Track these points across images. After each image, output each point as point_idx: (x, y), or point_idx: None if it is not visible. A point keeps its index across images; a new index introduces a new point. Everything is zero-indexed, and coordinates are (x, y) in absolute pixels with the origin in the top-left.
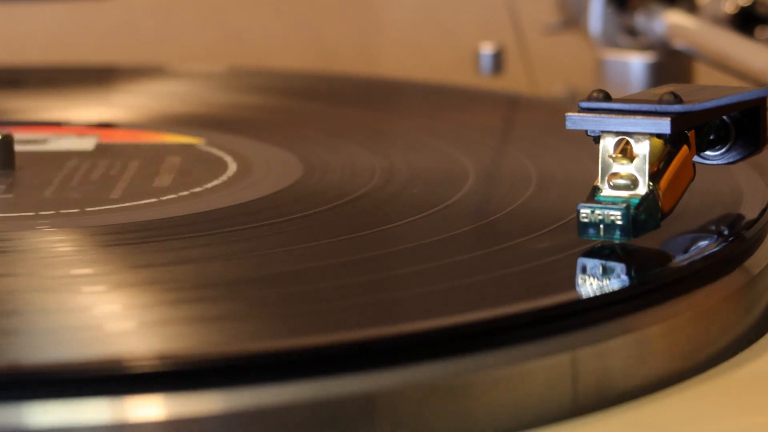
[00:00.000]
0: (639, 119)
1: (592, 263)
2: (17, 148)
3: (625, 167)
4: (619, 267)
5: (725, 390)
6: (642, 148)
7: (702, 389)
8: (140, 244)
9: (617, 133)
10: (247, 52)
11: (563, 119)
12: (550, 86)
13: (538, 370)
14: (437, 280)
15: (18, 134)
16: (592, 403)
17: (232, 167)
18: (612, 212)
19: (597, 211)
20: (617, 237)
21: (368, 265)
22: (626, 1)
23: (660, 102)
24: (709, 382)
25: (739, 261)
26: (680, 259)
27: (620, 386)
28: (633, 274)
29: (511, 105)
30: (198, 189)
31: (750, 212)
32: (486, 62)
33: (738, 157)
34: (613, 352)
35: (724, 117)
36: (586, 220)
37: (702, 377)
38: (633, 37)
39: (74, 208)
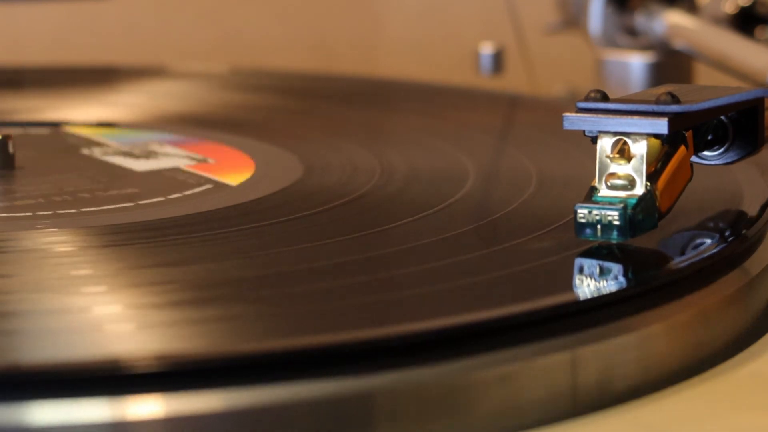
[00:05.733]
0: (636, 119)
1: (589, 263)
2: (114, 160)
3: (622, 167)
4: (617, 267)
5: (725, 390)
6: (639, 149)
7: (702, 389)
8: (140, 244)
9: (615, 134)
10: (247, 52)
11: (562, 119)
12: (550, 86)
13: (538, 370)
14: (437, 280)
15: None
16: (592, 404)
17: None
18: (609, 212)
19: (594, 212)
20: (614, 237)
21: (368, 265)
22: (626, 1)
23: (657, 102)
24: (709, 382)
25: (738, 261)
26: (680, 260)
27: (620, 386)
28: (630, 274)
29: (511, 105)
30: (198, 189)
31: (750, 212)
32: (486, 62)
33: (736, 157)
34: (612, 352)
35: (722, 117)
36: (583, 220)
37: (702, 377)
38: (633, 37)
39: (73, 209)
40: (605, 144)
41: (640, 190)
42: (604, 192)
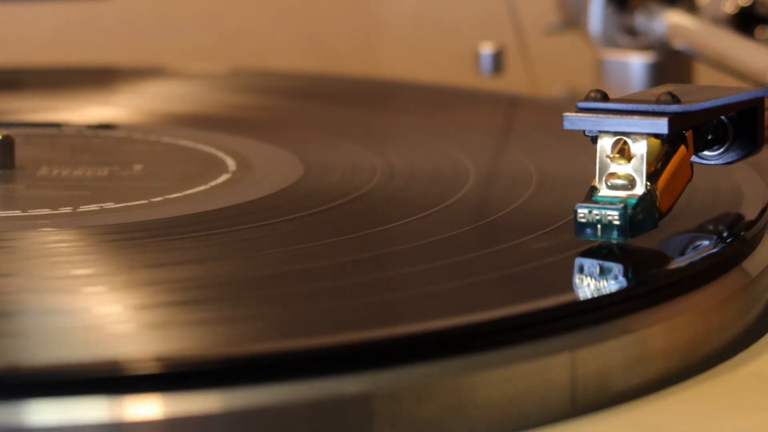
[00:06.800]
0: (636, 119)
1: (589, 263)
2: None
3: (622, 167)
4: (617, 267)
5: (725, 390)
6: (639, 148)
7: (702, 389)
8: (140, 244)
9: (615, 133)
10: (247, 52)
11: (563, 119)
12: (550, 86)
13: (538, 370)
14: (437, 280)
15: None
16: (591, 404)
17: (232, 167)
18: (609, 212)
19: (594, 211)
20: (614, 237)
21: (368, 265)
22: (626, 1)
23: (657, 102)
24: (709, 382)
25: (738, 261)
26: (679, 260)
27: (619, 386)
28: (630, 274)
29: (511, 105)
30: (198, 189)
31: (749, 213)
32: (486, 62)
33: (736, 157)
34: (612, 352)
35: (722, 117)
36: (583, 220)
37: (702, 377)
38: (633, 37)
39: (73, 208)
40: (605, 144)
41: (640, 189)
42: (604, 192)
